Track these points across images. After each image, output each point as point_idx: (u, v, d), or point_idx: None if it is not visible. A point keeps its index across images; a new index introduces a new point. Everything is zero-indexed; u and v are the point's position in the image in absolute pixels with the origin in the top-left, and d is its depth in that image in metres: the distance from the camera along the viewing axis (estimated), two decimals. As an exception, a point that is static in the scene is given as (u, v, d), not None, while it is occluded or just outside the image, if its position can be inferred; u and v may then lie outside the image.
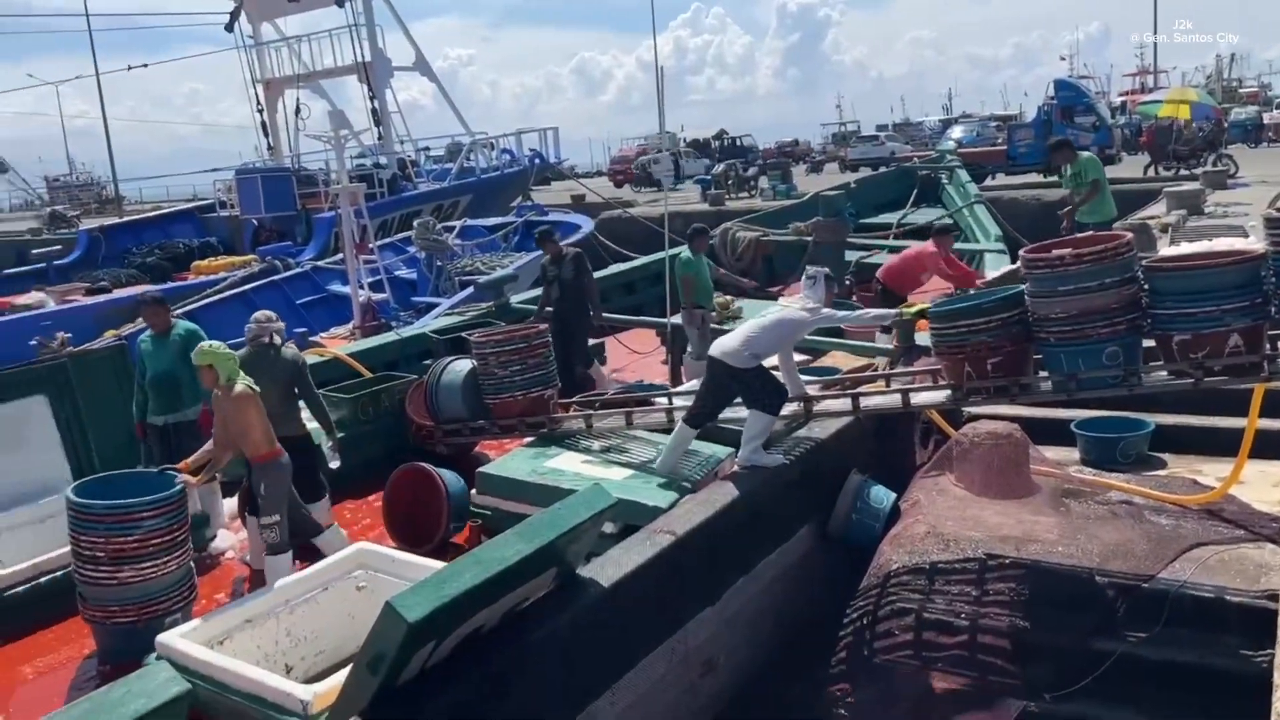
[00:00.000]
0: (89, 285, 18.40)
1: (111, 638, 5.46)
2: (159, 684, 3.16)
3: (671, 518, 5.66)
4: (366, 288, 13.68)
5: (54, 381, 7.25)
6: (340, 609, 5.52)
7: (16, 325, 13.92)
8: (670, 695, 5.33)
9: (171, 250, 22.45)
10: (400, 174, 24.77)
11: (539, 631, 4.48)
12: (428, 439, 8.15)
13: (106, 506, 5.36)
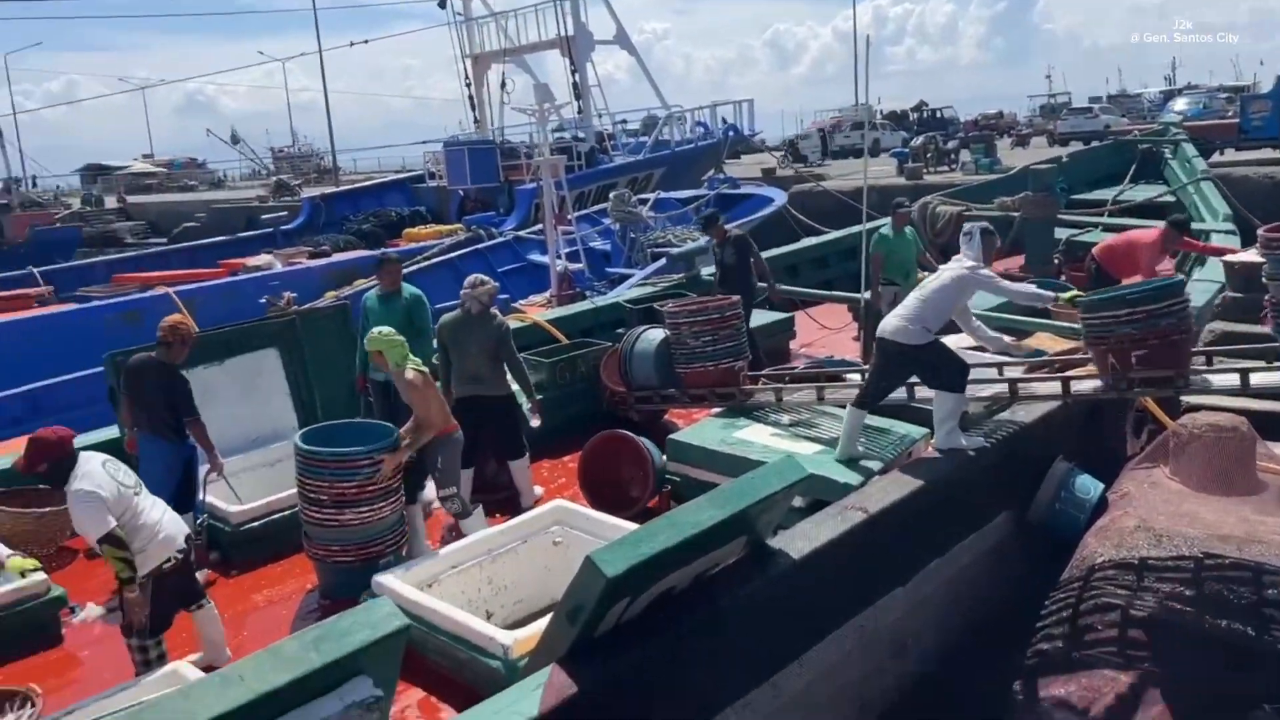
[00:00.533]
0: (312, 249, 19.76)
1: (332, 575, 5.90)
2: (382, 617, 3.40)
3: (864, 495, 5.59)
4: (564, 258, 14.07)
5: (284, 336, 7.86)
6: (537, 561, 5.78)
7: (248, 284, 15.15)
8: (857, 672, 5.30)
9: (385, 218, 23.75)
10: (597, 147, 25.27)
11: (729, 597, 4.54)
12: (620, 404, 8.35)
13: (330, 453, 5.77)
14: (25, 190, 45.89)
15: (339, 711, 3.22)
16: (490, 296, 6.98)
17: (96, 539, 4.51)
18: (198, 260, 20.22)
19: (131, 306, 13.56)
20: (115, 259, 22.49)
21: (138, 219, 45.09)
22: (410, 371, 6.02)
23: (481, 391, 6.90)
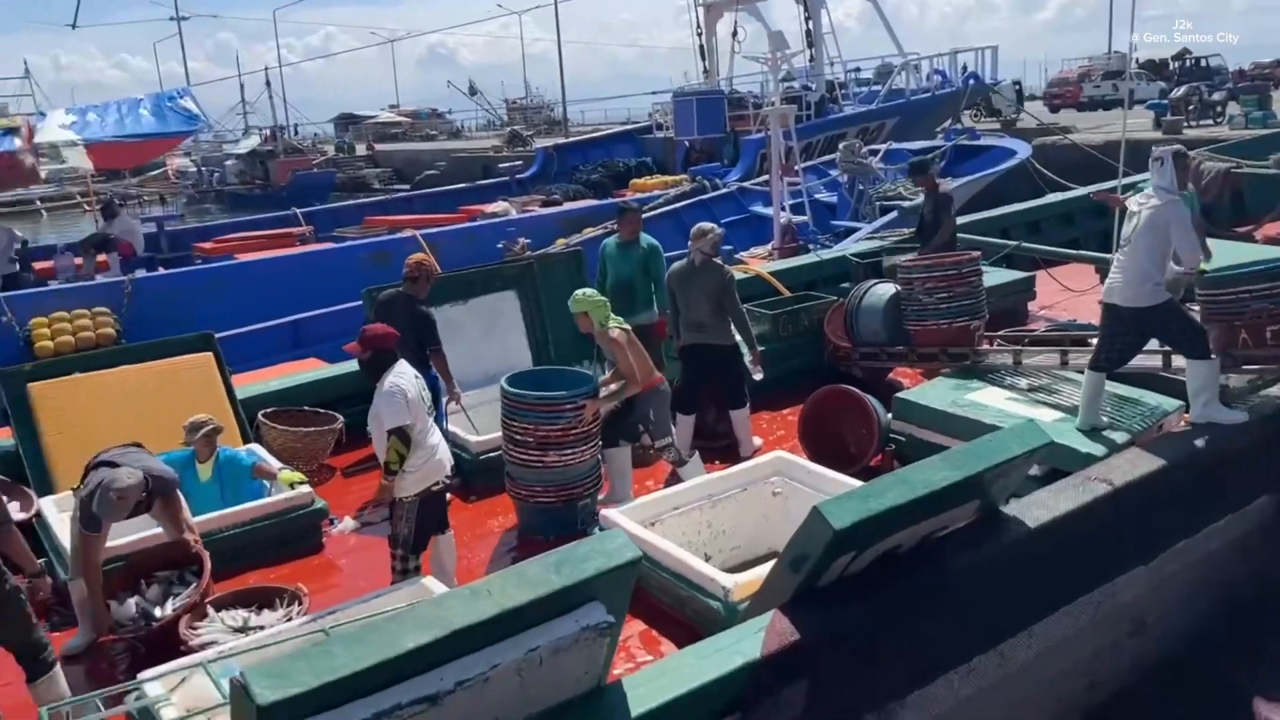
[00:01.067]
0: (544, 198, 20.46)
1: (533, 515, 6.16)
2: (616, 547, 3.55)
3: (1109, 466, 5.28)
4: (788, 210, 13.91)
5: (523, 279, 8.23)
6: (756, 510, 5.83)
7: (486, 230, 15.86)
8: (1091, 648, 5.05)
9: (612, 168, 24.24)
10: (827, 96, 24.70)
11: (958, 560, 4.43)
12: (844, 360, 8.23)
13: (537, 397, 6.02)
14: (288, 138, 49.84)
15: (574, 632, 3.39)
16: (714, 245, 7.01)
17: (389, 428, 4.92)
18: (439, 206, 21.35)
19: (382, 247, 14.52)
20: (366, 203, 24.11)
21: (384, 166, 48.19)
22: (614, 330, 6.13)
23: (705, 340, 6.98)
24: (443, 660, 3.18)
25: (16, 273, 14.10)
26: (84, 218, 33.91)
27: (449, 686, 3.15)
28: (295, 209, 20.20)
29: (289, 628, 4.68)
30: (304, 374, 8.28)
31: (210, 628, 4.87)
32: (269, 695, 2.88)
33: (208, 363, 6.99)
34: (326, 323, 12.65)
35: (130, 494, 4.79)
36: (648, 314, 7.54)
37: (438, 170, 39.87)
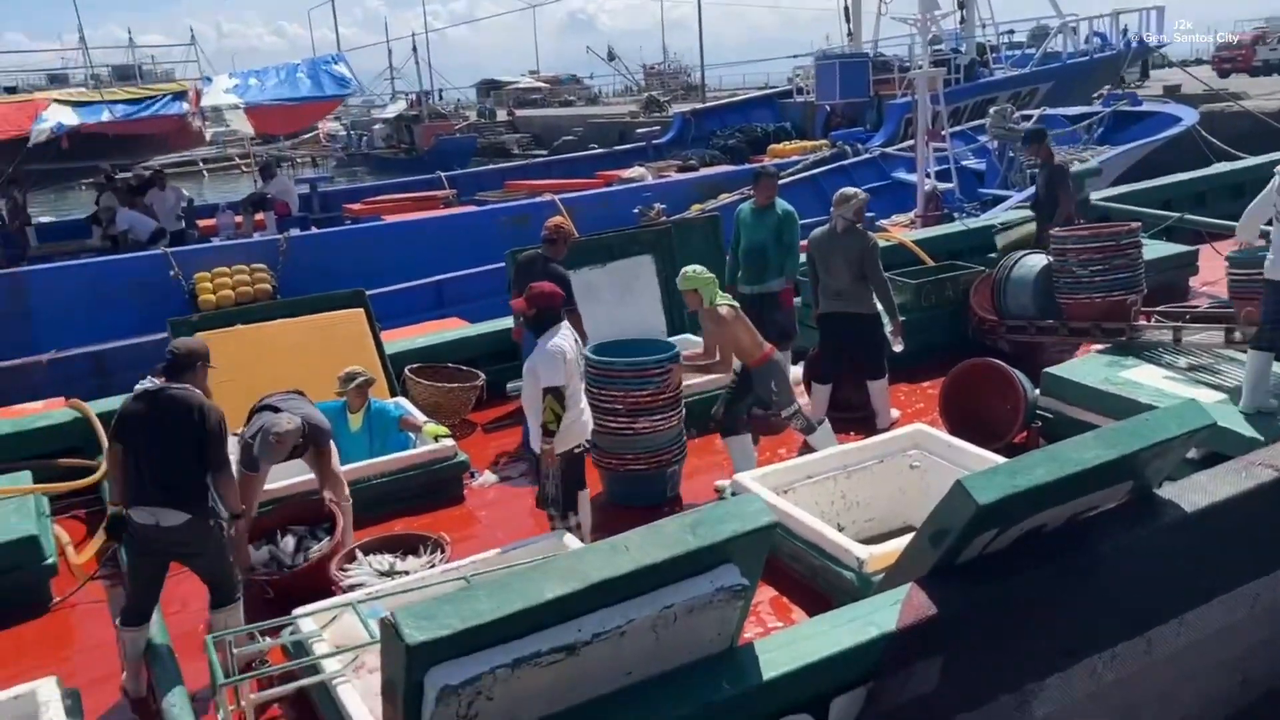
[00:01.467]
0: (680, 163, 20.42)
1: (621, 484, 6.19)
2: (752, 512, 3.55)
3: (1275, 452, 4.97)
4: (933, 176, 13.51)
5: (660, 244, 8.25)
6: (892, 483, 5.73)
7: (623, 195, 15.95)
8: (1245, 643, 4.79)
9: (750, 134, 23.97)
10: (978, 59, 23.79)
11: (1106, 543, 4.25)
12: (989, 333, 7.98)
13: (626, 363, 6.07)
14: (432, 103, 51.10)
15: (709, 593, 3.42)
16: (858, 212, 6.86)
17: (545, 386, 5.01)
18: (576, 171, 21.57)
19: (522, 210, 14.79)
20: (506, 167, 24.57)
21: (524, 131, 48.93)
22: (724, 308, 6.03)
23: (844, 309, 6.86)
24: (580, 612, 3.26)
25: (183, 230, 14.96)
26: (242, 178, 35.70)
27: (586, 638, 3.23)
28: (440, 173, 20.74)
29: (432, 574, 4.87)
30: (448, 332, 8.55)
31: (359, 570, 5.11)
32: (417, 635, 3.01)
33: (359, 318, 7.29)
34: (468, 284, 13.00)
35: (288, 439, 5.06)
36: (778, 280, 7.44)
37: (575, 136, 40.24)
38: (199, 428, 4.34)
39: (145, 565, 4.49)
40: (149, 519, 4.32)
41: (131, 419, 4.39)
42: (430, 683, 3.05)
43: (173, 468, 4.33)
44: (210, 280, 12.43)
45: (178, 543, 4.39)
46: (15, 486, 5.99)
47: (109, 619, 5.28)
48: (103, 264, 13.12)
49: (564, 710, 3.39)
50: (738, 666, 3.61)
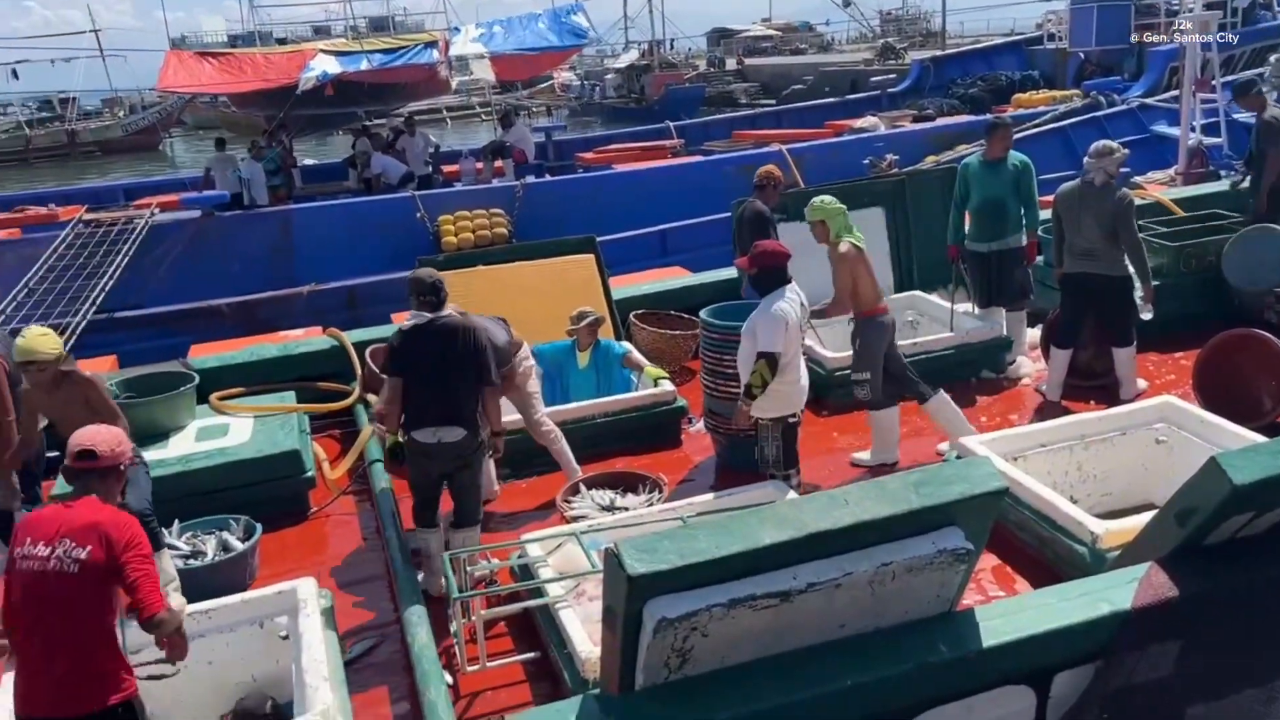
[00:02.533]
0: (915, 113, 19.66)
1: (738, 449, 5.95)
2: (981, 475, 3.44)
3: None
4: (1198, 130, 12.38)
5: (892, 196, 8.01)
6: (1134, 457, 5.38)
7: (853, 145, 15.56)
8: None
9: (993, 82, 22.71)
10: (1260, 2, 21.47)
11: (1385, 538, 3.85)
12: (1256, 304, 7.29)
13: (729, 327, 5.83)
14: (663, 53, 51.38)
15: (930, 554, 3.35)
16: (1117, 167, 6.39)
17: (761, 350, 4.94)
18: (806, 121, 21.18)
19: (749, 160, 14.68)
20: (735, 117, 24.47)
21: (752, 80, 48.44)
22: (845, 244, 5.73)
23: (1093, 269, 6.44)
24: (797, 560, 3.27)
25: (429, 174, 15.84)
26: (482, 126, 37.29)
27: (801, 586, 3.25)
28: (668, 122, 20.90)
29: (650, 512, 5.02)
30: (672, 280, 8.66)
31: (582, 503, 5.34)
32: (638, 567, 3.12)
33: (590, 264, 7.51)
34: (692, 233, 13.12)
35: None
36: (1017, 235, 7.03)
37: (804, 85, 39.47)
38: (475, 349, 4.66)
39: (425, 479, 4.87)
40: (431, 438, 4.69)
41: (411, 351, 4.70)
42: (649, 613, 3.17)
43: (453, 389, 4.67)
44: (453, 223, 13.14)
45: (455, 456, 4.74)
46: (281, 405, 6.61)
47: (358, 530, 5.78)
48: (357, 205, 14.14)
49: (775, 656, 3.43)
50: (956, 631, 3.53)
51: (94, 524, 3.13)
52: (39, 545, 3.09)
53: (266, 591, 4.45)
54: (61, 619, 3.06)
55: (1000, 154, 7.09)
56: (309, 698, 3.70)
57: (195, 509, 5.36)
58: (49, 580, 3.05)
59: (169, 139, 46.61)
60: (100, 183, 23.61)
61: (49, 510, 3.26)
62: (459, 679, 4.23)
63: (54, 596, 3.05)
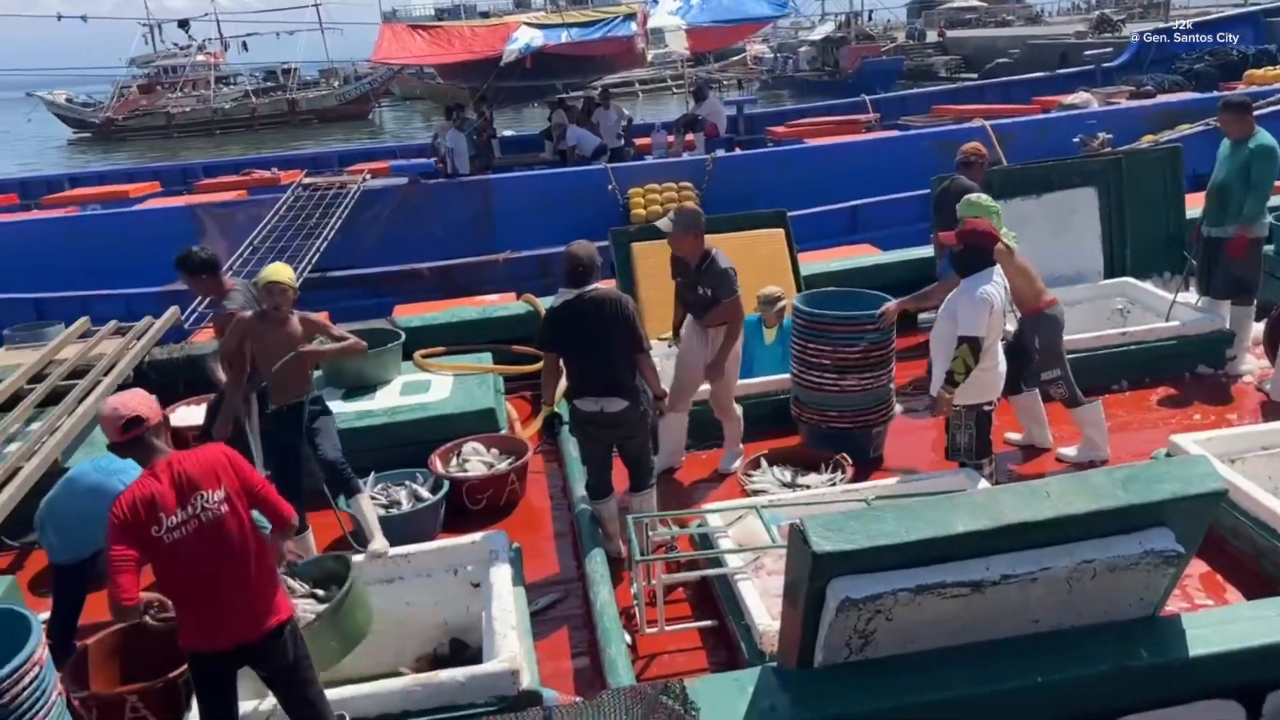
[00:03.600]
0: (1133, 89, 18.39)
1: (822, 439, 5.76)
2: (1197, 475, 3.24)
3: None
4: None
5: (1106, 177, 7.57)
6: (1371, 468, 4.93)
7: (1062, 122, 14.72)
8: None
9: (1222, 57, 20.95)
10: None
11: None
12: None
13: (834, 318, 5.62)
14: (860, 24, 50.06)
15: (1135, 554, 3.20)
16: None
17: (963, 334, 4.74)
18: (1011, 96, 20.18)
19: (948, 136, 14.14)
20: (935, 91, 23.57)
21: (954, 53, 46.56)
22: (1001, 245, 5.33)
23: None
24: (990, 550, 3.19)
25: (622, 147, 16.05)
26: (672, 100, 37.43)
27: (994, 577, 3.17)
28: (864, 96, 20.38)
29: (832, 492, 4.97)
30: (863, 258, 8.50)
31: (762, 478, 5.34)
32: (824, 545, 3.12)
33: (779, 238, 7.44)
34: (884, 210, 12.79)
35: None
36: (1233, 224, 6.44)
37: (1010, 58, 37.66)
38: (622, 319, 4.71)
39: (594, 449, 4.98)
40: (593, 407, 4.79)
41: (563, 326, 4.80)
42: (833, 592, 3.16)
43: (609, 359, 4.74)
44: (642, 195, 13.30)
45: (618, 425, 4.82)
46: (479, 365, 6.91)
47: (545, 488, 5.99)
48: (552, 176, 14.51)
49: (961, 646, 3.36)
50: (1160, 636, 3.37)
51: (207, 467, 3.22)
52: (174, 516, 3.13)
53: (461, 541, 4.70)
54: (231, 557, 3.21)
55: (1240, 135, 6.52)
56: (497, 645, 3.89)
57: (397, 460, 5.68)
58: (206, 533, 3.16)
59: (379, 109, 49.17)
60: (317, 149, 25.19)
61: (149, 483, 3.19)
62: (637, 640, 4.33)
63: (218, 542, 3.18)
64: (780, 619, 3.55)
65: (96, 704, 3.96)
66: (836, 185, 13.35)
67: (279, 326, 4.76)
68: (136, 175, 19.54)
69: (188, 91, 47.76)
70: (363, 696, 3.71)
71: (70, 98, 50.06)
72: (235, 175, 17.55)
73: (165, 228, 13.05)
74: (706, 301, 5.52)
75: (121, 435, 3.23)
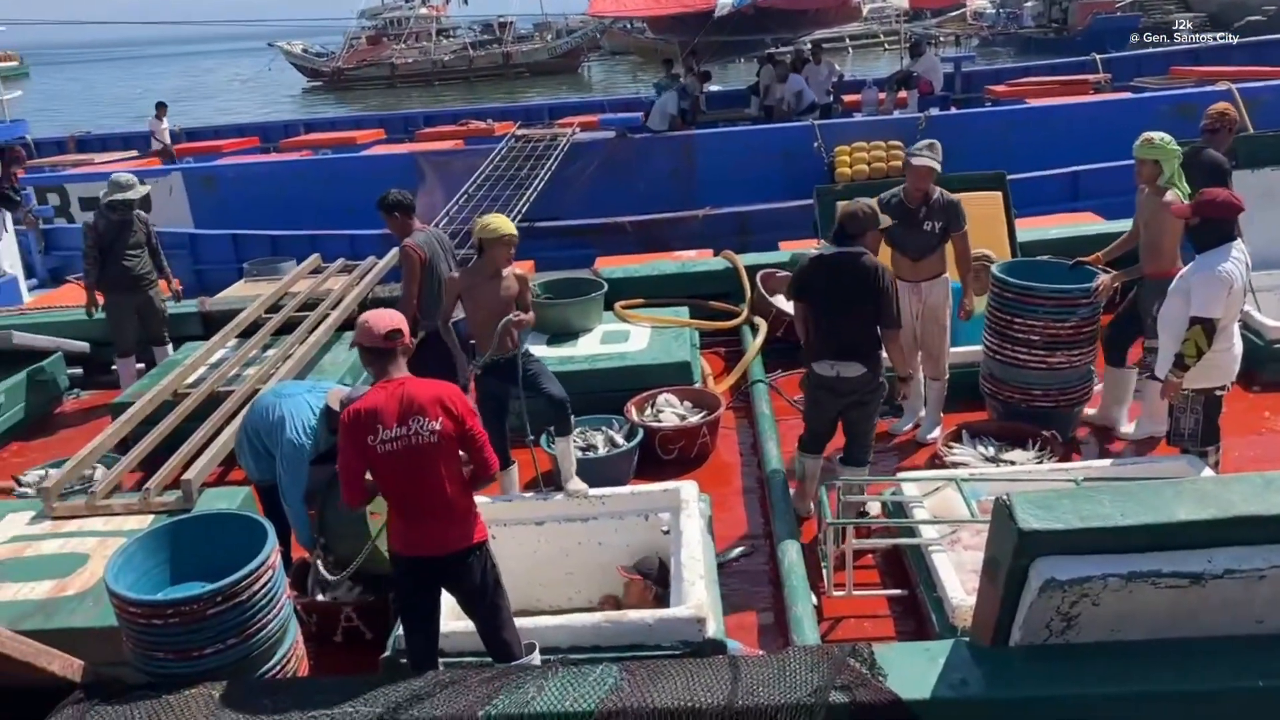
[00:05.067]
0: None
1: (1014, 418, 5.46)
2: None
3: None
4: None
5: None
6: None
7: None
8: None
9: None
10: None
11: None
12: None
13: (1047, 290, 5.33)
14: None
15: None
16: None
17: (1195, 314, 4.40)
18: (1264, 57, 18.41)
19: (1188, 100, 13.08)
20: (1174, 51, 21.77)
21: (1197, 10, 42.75)
22: (1172, 193, 4.97)
23: None
24: (1214, 542, 3.00)
25: (830, 104, 15.71)
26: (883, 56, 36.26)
27: (1216, 571, 2.98)
28: (1094, 55, 19.10)
29: (1039, 469, 4.77)
30: (1083, 226, 8.04)
31: (963, 450, 5.18)
32: (1032, 523, 3.01)
33: (996, 202, 7.10)
34: (1109, 177, 11.97)
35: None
36: None
37: (1264, 16, 34.27)
38: (874, 288, 4.58)
39: (821, 413, 4.92)
40: (829, 371, 4.73)
41: (816, 279, 4.74)
42: (1037, 572, 3.05)
43: (854, 324, 4.66)
44: (849, 154, 13.00)
45: (852, 392, 4.74)
46: (676, 319, 6.99)
47: (735, 444, 6.03)
48: (756, 132, 14.39)
49: (1173, 640, 3.17)
50: (1407, 652, 3.07)
51: (435, 398, 3.39)
52: (392, 429, 3.33)
53: (654, 487, 4.81)
54: (432, 481, 3.40)
55: None
56: (685, 592, 3.97)
57: (594, 406, 5.83)
58: (413, 454, 3.36)
59: (587, 63, 49.98)
60: (529, 101, 25.91)
61: (378, 395, 3.40)
62: (822, 601, 4.32)
63: (421, 465, 3.38)
64: (977, 594, 3.45)
65: (316, 611, 4.32)
66: (1058, 149, 12.62)
67: (491, 279, 4.87)
68: (364, 123, 20.75)
69: (411, 44, 50.05)
70: (554, 627, 3.88)
71: (306, 48, 53.47)
72: (453, 125, 18.33)
73: (388, 173, 13.80)
74: (932, 241, 5.37)
75: (383, 342, 3.47)
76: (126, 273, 6.98)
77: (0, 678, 3.36)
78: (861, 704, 3.09)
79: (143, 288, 7.09)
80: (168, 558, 3.87)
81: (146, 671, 3.53)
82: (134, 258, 6.99)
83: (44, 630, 3.83)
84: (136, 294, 7.06)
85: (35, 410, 7.12)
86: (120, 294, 7.04)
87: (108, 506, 4.84)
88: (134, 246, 6.98)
